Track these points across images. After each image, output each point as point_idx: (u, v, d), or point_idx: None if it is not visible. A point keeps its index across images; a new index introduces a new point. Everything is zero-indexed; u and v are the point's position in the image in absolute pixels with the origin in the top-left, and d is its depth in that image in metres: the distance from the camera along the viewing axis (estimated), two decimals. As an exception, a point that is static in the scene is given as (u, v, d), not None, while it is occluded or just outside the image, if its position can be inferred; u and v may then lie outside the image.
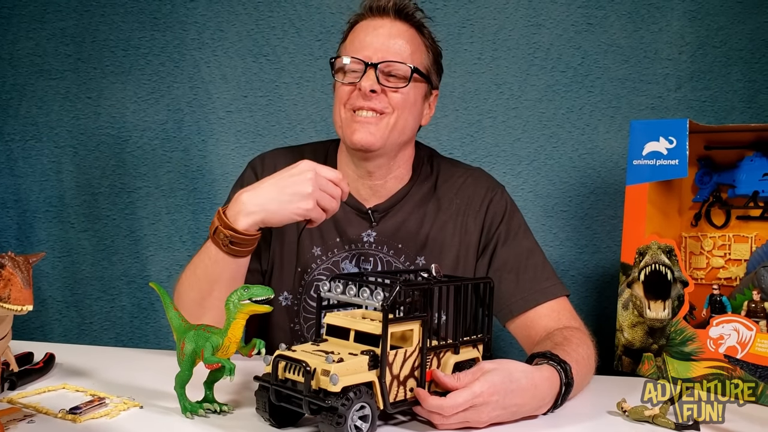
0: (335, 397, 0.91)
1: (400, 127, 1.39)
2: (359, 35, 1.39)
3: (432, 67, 1.45)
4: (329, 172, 1.28)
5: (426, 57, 1.43)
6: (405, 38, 1.39)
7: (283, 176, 1.28)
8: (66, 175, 2.18)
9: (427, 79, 1.43)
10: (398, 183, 1.47)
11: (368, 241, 1.45)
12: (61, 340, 2.19)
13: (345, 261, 1.44)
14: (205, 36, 2.13)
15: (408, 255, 1.44)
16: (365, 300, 1.01)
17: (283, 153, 1.53)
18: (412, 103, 1.40)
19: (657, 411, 1.09)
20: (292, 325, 1.46)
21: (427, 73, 1.43)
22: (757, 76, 2.00)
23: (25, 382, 1.18)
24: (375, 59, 1.36)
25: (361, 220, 1.45)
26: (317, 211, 1.26)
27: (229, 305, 1.03)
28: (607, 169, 2.04)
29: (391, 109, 1.37)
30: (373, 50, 1.36)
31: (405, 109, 1.39)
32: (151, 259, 2.17)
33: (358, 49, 1.38)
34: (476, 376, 1.02)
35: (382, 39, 1.37)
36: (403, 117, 1.39)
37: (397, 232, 1.45)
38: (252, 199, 1.26)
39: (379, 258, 1.44)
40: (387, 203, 1.46)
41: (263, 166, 1.50)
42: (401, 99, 1.38)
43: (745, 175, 1.54)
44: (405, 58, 1.37)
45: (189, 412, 1.04)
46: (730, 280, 1.58)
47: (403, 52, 1.37)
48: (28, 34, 2.17)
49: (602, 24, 2.02)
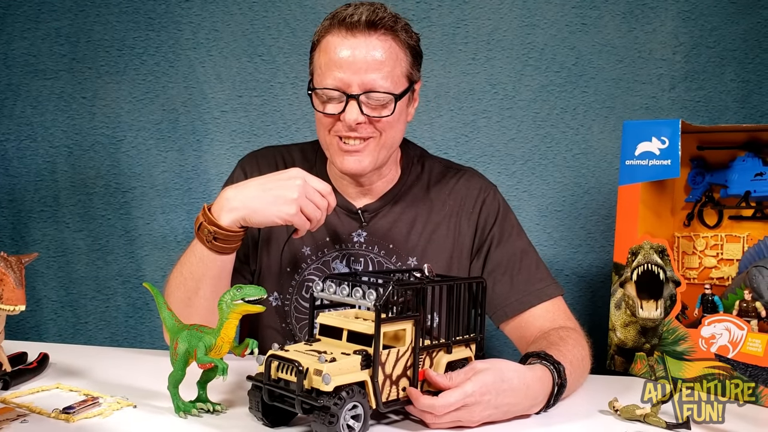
0: (328, 396, 0.92)
1: (389, 144, 1.38)
2: (333, 56, 1.30)
3: (413, 67, 1.37)
4: (318, 183, 1.28)
5: (405, 61, 1.35)
6: (382, 52, 1.30)
7: (271, 178, 1.29)
8: (61, 175, 2.18)
9: (410, 84, 1.37)
10: (387, 183, 1.47)
11: (358, 241, 1.45)
12: (56, 340, 2.19)
13: (336, 261, 1.44)
14: (200, 36, 2.13)
15: (399, 255, 1.44)
16: (358, 300, 1.01)
17: (272, 152, 1.53)
18: (398, 119, 1.36)
19: (649, 410, 1.10)
20: (283, 325, 1.46)
21: (409, 77, 1.37)
22: (750, 77, 2.01)
23: (18, 382, 1.18)
24: (356, 87, 1.29)
25: (351, 220, 1.45)
26: (300, 217, 1.26)
27: (222, 305, 1.04)
28: (601, 169, 2.05)
29: (378, 133, 1.35)
30: (353, 72, 1.29)
31: (392, 128, 1.36)
32: (146, 259, 2.18)
33: (335, 72, 1.30)
34: (468, 375, 1.03)
35: (359, 62, 1.29)
36: (390, 135, 1.36)
37: (388, 232, 1.45)
38: (236, 196, 1.27)
39: (370, 258, 1.44)
40: (377, 203, 1.46)
41: (252, 165, 1.50)
42: (387, 123, 1.34)
43: (737, 175, 1.54)
44: (385, 76, 1.30)
45: (182, 412, 1.04)
46: (722, 280, 1.58)
47: (383, 70, 1.30)
48: (23, 34, 2.17)
49: (596, 24, 2.03)
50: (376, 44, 1.30)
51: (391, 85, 1.31)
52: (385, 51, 1.31)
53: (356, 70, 1.29)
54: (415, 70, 1.38)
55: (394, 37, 1.32)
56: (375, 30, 1.30)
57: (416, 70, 1.39)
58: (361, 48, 1.29)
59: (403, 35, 1.34)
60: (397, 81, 1.33)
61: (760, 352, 1.26)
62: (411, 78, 1.37)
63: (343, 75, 1.29)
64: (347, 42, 1.30)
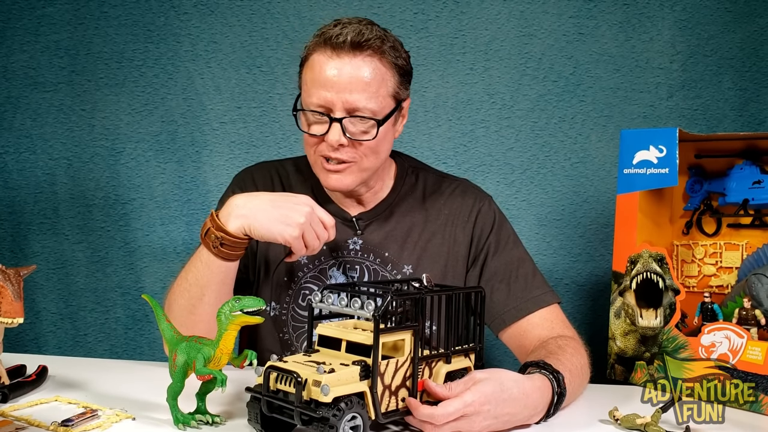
0: (326, 407, 0.91)
1: (373, 165, 1.38)
2: (318, 75, 1.31)
3: (400, 86, 1.37)
4: (324, 215, 1.30)
5: (392, 81, 1.34)
6: (367, 73, 1.30)
7: (282, 196, 1.32)
8: (60, 187, 2.19)
9: (397, 103, 1.37)
10: (380, 194, 1.48)
11: (354, 249, 1.45)
12: (56, 353, 2.18)
13: (332, 269, 1.45)
14: (199, 48, 2.14)
15: (395, 264, 1.44)
16: (357, 310, 1.01)
17: (267, 167, 1.55)
18: (383, 139, 1.36)
19: (649, 419, 1.09)
20: (281, 335, 1.46)
21: (396, 96, 1.36)
22: (748, 85, 2.01)
23: (17, 394, 1.17)
24: (339, 108, 1.30)
25: (346, 228, 1.46)
26: (300, 242, 1.27)
27: (220, 316, 1.04)
28: (599, 177, 2.05)
29: (360, 157, 1.35)
30: (336, 91, 1.29)
31: (373, 153, 1.36)
32: (145, 271, 2.18)
33: (320, 90, 1.30)
34: (468, 385, 1.03)
35: (344, 82, 1.29)
36: (371, 159, 1.37)
37: (383, 241, 1.45)
38: (246, 204, 1.28)
39: (366, 266, 1.45)
40: (372, 212, 1.47)
41: (247, 179, 1.52)
42: (369, 147, 1.34)
43: (735, 183, 1.54)
44: (370, 97, 1.30)
45: (181, 424, 1.04)
46: (721, 288, 1.58)
47: (368, 90, 1.30)
48: (22, 47, 2.18)
49: (593, 34, 2.04)
50: (361, 65, 1.30)
51: (376, 105, 1.32)
52: (370, 72, 1.31)
53: (340, 90, 1.29)
54: (402, 88, 1.38)
55: (381, 58, 1.32)
56: (361, 51, 1.30)
57: (404, 89, 1.39)
58: (345, 68, 1.30)
59: (391, 55, 1.34)
60: (383, 101, 1.33)
61: (761, 360, 1.26)
62: (398, 97, 1.37)
63: (327, 94, 1.30)
64: (332, 62, 1.30)
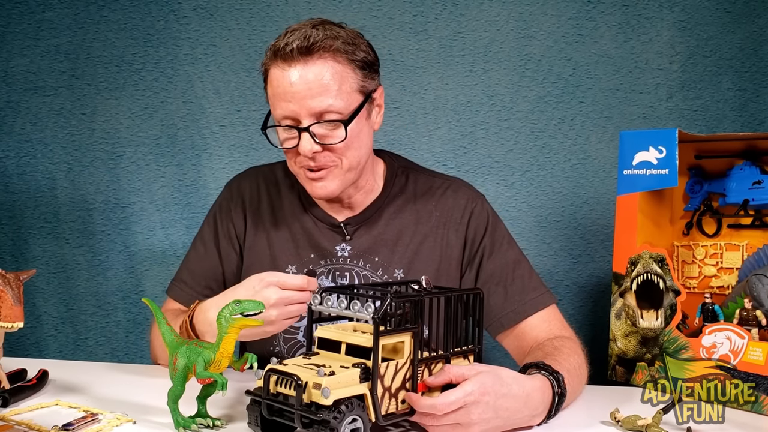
0: (327, 410, 0.91)
1: (355, 163, 1.36)
2: (277, 90, 1.30)
3: (365, 79, 1.34)
4: (293, 280, 1.23)
5: (353, 76, 1.31)
6: (323, 75, 1.28)
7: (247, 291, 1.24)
8: (60, 191, 2.19)
9: (365, 98, 1.34)
10: (369, 196, 1.46)
11: (343, 255, 1.44)
12: (57, 357, 2.18)
13: (321, 276, 1.43)
14: (198, 51, 2.14)
15: (386, 269, 1.43)
16: (356, 312, 1.01)
17: (255, 172, 1.55)
18: (357, 135, 1.33)
19: (650, 421, 1.09)
20: (270, 348, 1.45)
21: (362, 90, 1.34)
22: (747, 85, 2.01)
23: (17, 399, 1.17)
24: (305, 116, 1.29)
25: (334, 234, 1.45)
26: (287, 323, 1.24)
27: (220, 320, 1.04)
28: (600, 179, 2.05)
29: (339, 160, 1.34)
30: (297, 101, 1.28)
31: (350, 150, 1.34)
32: (145, 274, 2.17)
33: (282, 104, 1.30)
34: (469, 374, 1.02)
35: (302, 91, 1.27)
36: (351, 156, 1.34)
37: (373, 245, 1.43)
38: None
39: (356, 272, 1.43)
40: (360, 216, 1.45)
41: (235, 187, 1.52)
42: (344, 147, 1.32)
43: (735, 183, 1.54)
44: (333, 97, 1.28)
45: (182, 427, 1.04)
46: (722, 289, 1.58)
47: (329, 92, 1.28)
48: (22, 51, 2.18)
49: (593, 35, 2.04)
50: (314, 69, 1.28)
51: (341, 104, 1.29)
52: (325, 73, 1.28)
53: (301, 98, 1.28)
54: (368, 80, 1.35)
55: (334, 56, 1.29)
56: (310, 55, 1.28)
57: (370, 80, 1.35)
58: (300, 76, 1.28)
59: (345, 51, 1.31)
60: (348, 98, 1.31)
61: (761, 361, 1.26)
62: (365, 90, 1.34)
63: (290, 105, 1.29)
64: (286, 73, 1.28)
